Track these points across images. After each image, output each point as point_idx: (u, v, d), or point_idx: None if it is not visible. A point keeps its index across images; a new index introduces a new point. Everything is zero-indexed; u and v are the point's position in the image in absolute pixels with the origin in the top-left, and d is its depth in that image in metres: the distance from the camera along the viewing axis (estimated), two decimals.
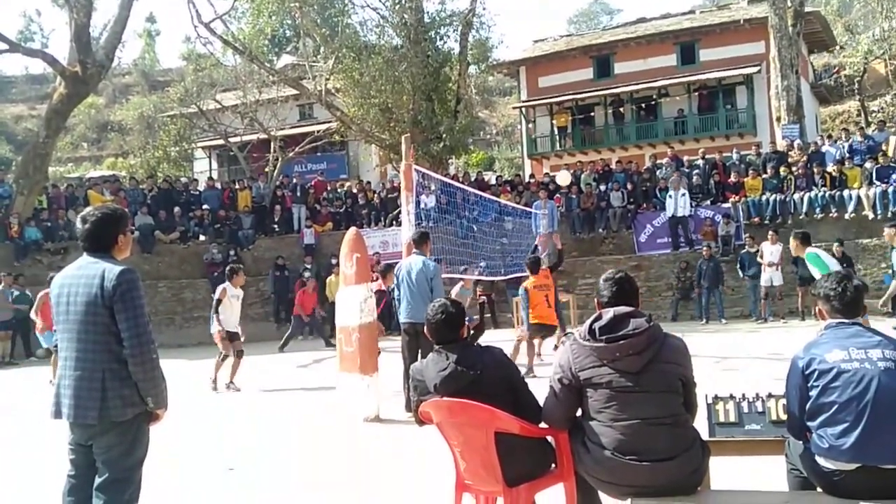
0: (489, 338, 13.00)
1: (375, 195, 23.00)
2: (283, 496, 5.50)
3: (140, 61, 56.34)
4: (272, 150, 26.60)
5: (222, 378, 11.04)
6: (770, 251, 16.16)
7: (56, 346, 4.02)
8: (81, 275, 3.59)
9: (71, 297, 3.57)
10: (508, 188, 21.91)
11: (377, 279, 11.09)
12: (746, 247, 17.22)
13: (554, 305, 11.38)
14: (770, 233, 16.62)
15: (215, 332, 11.08)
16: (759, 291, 16.47)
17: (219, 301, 11.06)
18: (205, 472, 6.36)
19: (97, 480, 3.55)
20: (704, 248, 17.22)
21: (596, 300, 3.81)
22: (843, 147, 19.41)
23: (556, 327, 11.59)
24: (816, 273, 10.94)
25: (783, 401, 3.80)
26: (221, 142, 29.96)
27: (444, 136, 22.97)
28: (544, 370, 9.78)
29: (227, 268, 11.72)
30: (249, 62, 26.75)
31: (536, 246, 15.80)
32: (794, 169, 19.02)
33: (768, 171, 19.40)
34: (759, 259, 16.21)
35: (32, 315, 13.02)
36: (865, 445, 3.29)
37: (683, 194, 18.86)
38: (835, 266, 9.08)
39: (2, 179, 21.96)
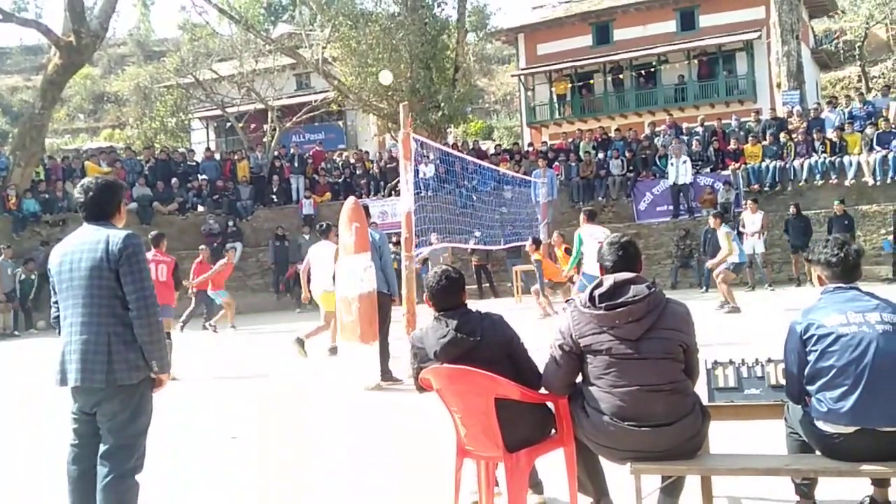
0: (488, 307, 13.00)
1: (374, 165, 22.93)
2: (284, 464, 5.54)
3: (135, 31, 55.75)
4: (269, 121, 26.46)
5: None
6: (751, 220, 16.05)
7: None
8: (84, 241, 3.61)
9: (74, 264, 3.58)
10: (507, 157, 21.85)
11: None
12: (744, 214, 17.20)
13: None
14: (749, 202, 16.49)
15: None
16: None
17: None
18: (208, 441, 6.40)
19: (102, 448, 3.57)
20: (711, 218, 17.21)
21: (599, 265, 3.80)
22: (843, 113, 19.32)
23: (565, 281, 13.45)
24: (725, 248, 11.70)
25: (782, 365, 3.82)
26: (218, 112, 29.79)
27: (442, 104, 22.85)
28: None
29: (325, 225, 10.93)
30: (245, 31, 26.55)
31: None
32: (793, 135, 18.94)
33: (768, 137, 19.32)
34: (741, 228, 16.19)
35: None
36: (864, 408, 3.31)
37: (685, 161, 18.80)
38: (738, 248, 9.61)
39: None
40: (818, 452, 3.57)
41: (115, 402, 3.55)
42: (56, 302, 3.71)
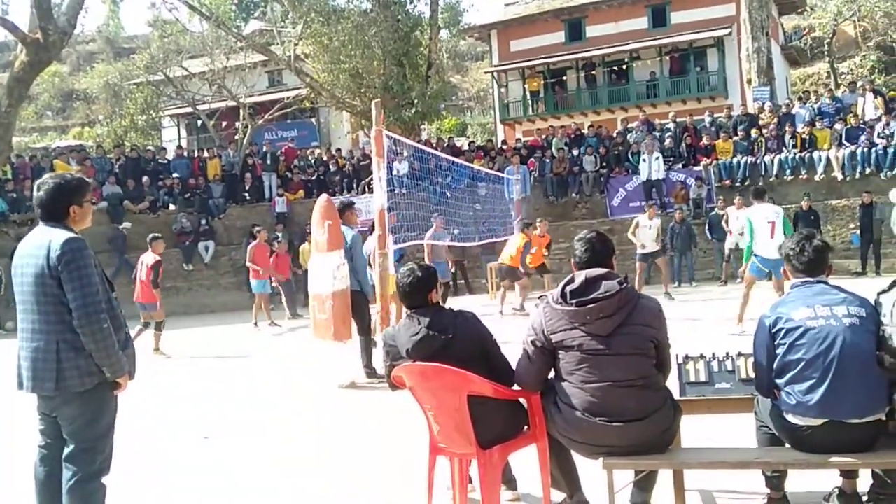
0: (464, 304, 13.05)
1: (347, 162, 22.83)
2: (257, 463, 5.51)
3: (104, 28, 55.08)
4: (241, 118, 26.24)
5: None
6: (736, 216, 16.23)
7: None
8: (33, 244, 3.53)
9: (24, 269, 3.52)
10: (481, 154, 21.85)
11: None
12: (716, 209, 17.36)
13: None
14: (737, 197, 16.69)
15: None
16: (723, 254, 16.71)
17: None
18: (180, 441, 6.35)
19: (65, 451, 3.51)
20: (677, 212, 17.30)
21: (571, 261, 3.81)
22: (813, 109, 19.54)
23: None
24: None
25: (752, 359, 3.85)
26: (189, 110, 29.50)
27: (415, 101, 22.79)
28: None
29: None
30: (216, 28, 26.28)
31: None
32: (764, 131, 19.13)
33: (739, 133, 19.49)
34: (723, 224, 16.30)
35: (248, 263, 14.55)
36: (831, 401, 3.35)
37: (657, 157, 18.91)
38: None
39: None
40: (788, 445, 3.61)
41: (72, 406, 3.49)
42: None
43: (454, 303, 12.66)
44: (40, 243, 3.48)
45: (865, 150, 17.56)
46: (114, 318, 3.54)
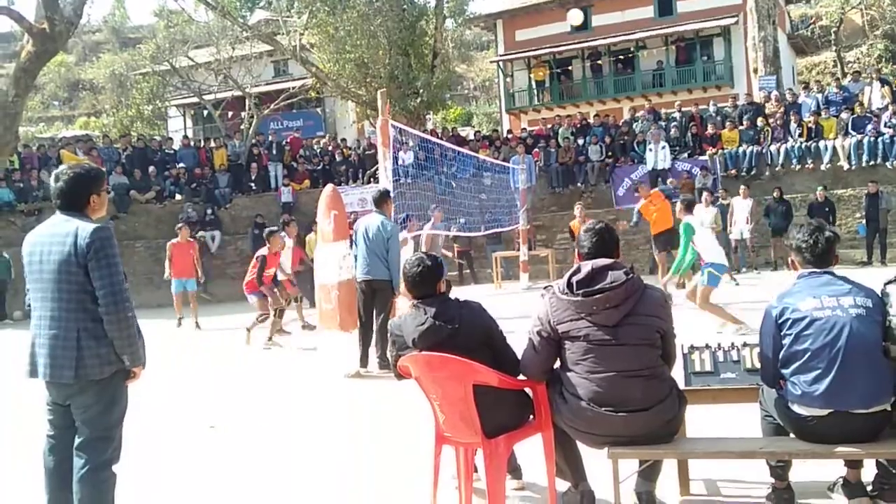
0: (470, 294, 13.06)
1: (353, 152, 22.83)
2: (263, 453, 5.54)
3: (110, 18, 55.16)
4: (247, 108, 26.25)
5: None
6: (741, 206, 16.24)
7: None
8: (54, 233, 3.52)
9: (44, 256, 3.51)
10: (486, 143, 21.82)
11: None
12: (720, 199, 17.32)
13: None
14: (741, 187, 16.69)
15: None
16: (729, 244, 16.66)
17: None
18: (186, 431, 6.38)
19: (77, 440, 3.53)
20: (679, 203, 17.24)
21: (577, 252, 3.81)
22: (819, 98, 19.46)
23: None
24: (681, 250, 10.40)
25: (757, 349, 3.86)
26: (195, 100, 29.53)
27: (421, 91, 22.75)
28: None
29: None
30: (222, 18, 26.28)
31: None
32: (770, 120, 19.06)
33: (745, 122, 19.44)
34: (728, 216, 16.24)
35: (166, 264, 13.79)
36: (837, 391, 3.36)
37: (663, 147, 18.88)
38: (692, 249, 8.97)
39: None
40: (792, 435, 3.62)
41: (87, 395, 3.51)
42: (29, 288, 3.66)
43: (460, 293, 12.64)
44: (65, 231, 3.49)
45: (872, 139, 17.50)
46: None
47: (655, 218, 13.05)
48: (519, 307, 12.32)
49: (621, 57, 30.43)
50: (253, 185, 22.13)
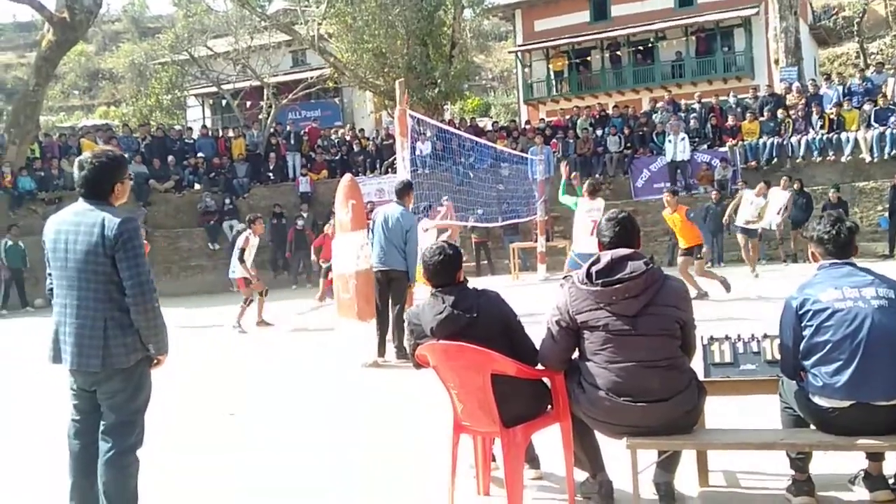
0: (487, 285, 13.01)
1: (370, 142, 22.84)
2: (281, 440, 5.57)
3: (130, 7, 55.41)
4: (265, 98, 26.30)
5: (249, 320, 11.78)
6: (750, 201, 15.50)
7: None
8: (80, 222, 3.53)
9: (69, 245, 3.53)
10: (504, 134, 21.78)
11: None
12: (738, 191, 17.16)
13: None
14: (783, 178, 16.15)
15: (239, 276, 11.66)
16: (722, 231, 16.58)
17: (243, 249, 11.55)
18: (206, 417, 6.43)
19: (103, 424, 3.57)
20: (713, 193, 17.21)
21: (598, 241, 3.80)
22: (841, 90, 19.27)
23: None
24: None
25: (777, 341, 3.83)
26: (214, 89, 29.60)
27: (438, 81, 22.73)
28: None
29: (248, 217, 12.23)
30: (240, 7, 26.33)
31: None
32: (791, 112, 18.89)
33: (765, 114, 19.28)
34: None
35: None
36: (859, 383, 3.33)
37: (683, 138, 18.78)
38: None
39: None
40: (813, 427, 3.59)
41: (114, 381, 3.54)
42: (51, 273, 3.68)
43: (477, 283, 12.65)
44: (92, 221, 3.51)
45: (894, 131, 17.30)
46: None
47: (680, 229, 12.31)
48: (536, 298, 12.32)
49: (640, 48, 30.24)
50: (271, 174, 22.21)
